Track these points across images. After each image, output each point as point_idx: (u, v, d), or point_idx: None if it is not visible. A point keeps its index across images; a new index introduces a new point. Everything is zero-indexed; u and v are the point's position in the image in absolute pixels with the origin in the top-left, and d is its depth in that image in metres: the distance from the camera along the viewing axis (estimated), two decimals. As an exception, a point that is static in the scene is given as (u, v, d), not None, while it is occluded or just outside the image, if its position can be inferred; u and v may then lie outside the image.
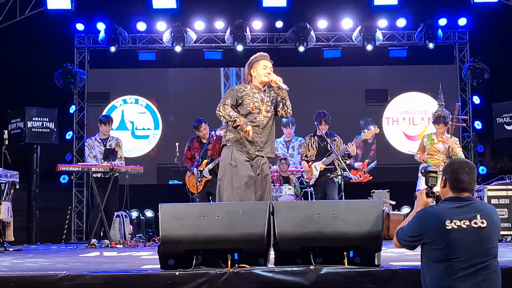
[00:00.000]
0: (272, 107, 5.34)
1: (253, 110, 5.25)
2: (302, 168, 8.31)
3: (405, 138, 11.14)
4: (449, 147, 7.48)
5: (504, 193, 7.89)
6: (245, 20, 10.88)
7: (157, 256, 4.06)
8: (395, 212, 9.56)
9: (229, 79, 11.50)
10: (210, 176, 8.03)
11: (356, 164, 11.00)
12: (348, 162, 8.11)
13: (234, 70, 11.48)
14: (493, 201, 7.80)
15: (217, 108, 5.23)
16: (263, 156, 5.28)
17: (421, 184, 7.44)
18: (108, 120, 8.54)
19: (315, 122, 7.91)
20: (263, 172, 5.26)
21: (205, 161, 8.09)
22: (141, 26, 11.08)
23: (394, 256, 5.56)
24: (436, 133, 7.73)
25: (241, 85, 5.43)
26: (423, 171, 3.49)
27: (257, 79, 5.32)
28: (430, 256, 3.18)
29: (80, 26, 11.10)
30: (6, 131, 9.23)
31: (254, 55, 5.41)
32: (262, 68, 5.30)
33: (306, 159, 8.05)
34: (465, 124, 9.80)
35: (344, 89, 11.42)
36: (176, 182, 10.95)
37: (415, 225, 3.26)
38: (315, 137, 8.05)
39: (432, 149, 7.60)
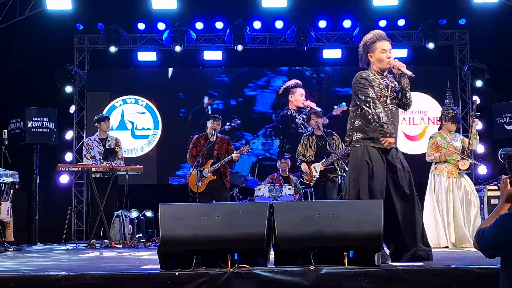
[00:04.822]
0: (395, 95, 4.75)
1: (381, 97, 4.67)
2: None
3: (405, 138, 11.12)
4: (462, 145, 7.22)
5: (504, 193, 7.81)
6: (245, 20, 10.87)
7: (157, 256, 4.05)
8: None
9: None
10: (215, 177, 7.91)
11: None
12: (347, 161, 8.07)
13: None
14: (493, 201, 7.74)
15: (367, 111, 4.64)
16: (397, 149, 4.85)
17: (432, 184, 7.19)
18: (105, 116, 8.67)
19: (315, 122, 7.89)
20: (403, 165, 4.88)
21: (210, 161, 7.95)
22: (141, 26, 11.07)
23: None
24: (443, 130, 7.32)
25: (363, 72, 4.74)
26: (503, 155, 2.90)
27: (376, 65, 4.73)
28: None
29: (80, 26, 11.09)
30: (6, 131, 9.23)
31: (368, 36, 4.76)
32: (381, 53, 4.69)
33: (304, 159, 7.99)
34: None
35: (344, 89, 11.40)
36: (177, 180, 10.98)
37: (497, 232, 2.67)
38: (313, 137, 7.98)
39: (451, 147, 7.14)
